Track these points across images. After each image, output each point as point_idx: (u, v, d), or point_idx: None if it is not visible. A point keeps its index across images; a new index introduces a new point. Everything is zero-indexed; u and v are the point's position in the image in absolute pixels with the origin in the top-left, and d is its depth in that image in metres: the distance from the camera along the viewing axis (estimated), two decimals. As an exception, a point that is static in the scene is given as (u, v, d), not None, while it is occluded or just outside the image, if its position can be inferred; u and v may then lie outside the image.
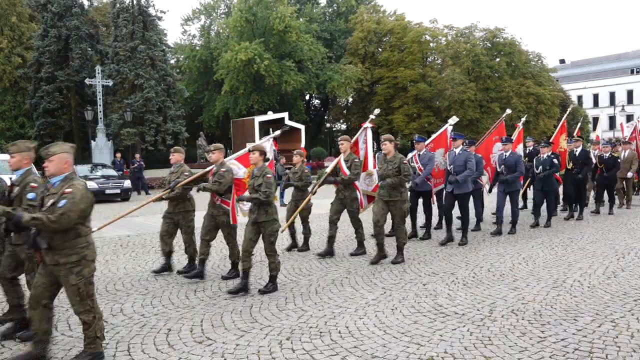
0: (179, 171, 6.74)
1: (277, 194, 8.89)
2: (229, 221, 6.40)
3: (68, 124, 31.30)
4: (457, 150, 8.51)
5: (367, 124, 7.94)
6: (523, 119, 11.81)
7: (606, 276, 6.26)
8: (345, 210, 7.76)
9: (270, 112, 31.50)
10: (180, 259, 7.25)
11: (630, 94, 61.10)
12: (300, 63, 35.33)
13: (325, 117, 46.58)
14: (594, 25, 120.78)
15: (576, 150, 11.35)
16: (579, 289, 5.71)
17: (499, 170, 9.53)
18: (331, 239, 7.70)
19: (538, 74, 41.25)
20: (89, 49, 31.38)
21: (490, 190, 9.94)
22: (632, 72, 62.77)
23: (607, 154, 11.96)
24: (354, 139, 8.01)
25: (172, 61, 39.18)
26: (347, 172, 7.47)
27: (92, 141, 26.43)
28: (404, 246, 7.24)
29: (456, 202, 8.52)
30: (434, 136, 9.75)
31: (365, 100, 39.37)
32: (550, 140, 11.64)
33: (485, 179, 10.25)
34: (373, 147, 9.18)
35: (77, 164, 21.82)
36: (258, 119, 30.18)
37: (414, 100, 37.63)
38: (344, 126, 45.02)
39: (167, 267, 6.79)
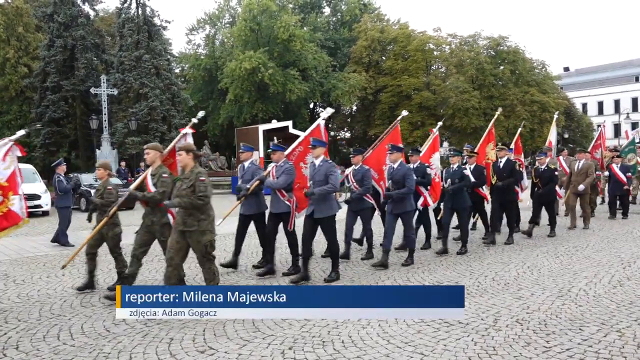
0: None
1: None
2: None
3: (73, 132, 31.49)
4: (318, 162, 6.63)
5: (187, 130, 6.52)
6: (440, 124, 10.38)
7: (612, 285, 6.20)
8: (156, 240, 6.07)
9: (274, 121, 31.58)
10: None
11: (635, 101, 60.93)
12: (305, 72, 35.47)
13: (329, 126, 46.69)
14: (598, 33, 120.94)
15: (500, 161, 9.53)
16: (584, 298, 5.66)
17: (386, 185, 7.90)
18: (129, 278, 5.97)
19: (542, 81, 41.27)
20: (95, 59, 31.64)
21: (380, 211, 8.07)
22: (636, 79, 62.63)
23: (543, 166, 10.25)
24: (169, 147, 6.50)
25: (177, 70, 39.43)
26: (153, 189, 5.81)
27: (97, 150, 26.58)
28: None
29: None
30: (298, 140, 7.55)
31: (369, 108, 39.47)
32: (475, 150, 10.26)
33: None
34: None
35: (82, 173, 21.91)
36: (262, 127, 30.24)
37: (418, 109, 37.68)
38: (348, 134, 45.12)
39: None
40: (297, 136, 30.28)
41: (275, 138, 33.22)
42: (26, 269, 7.88)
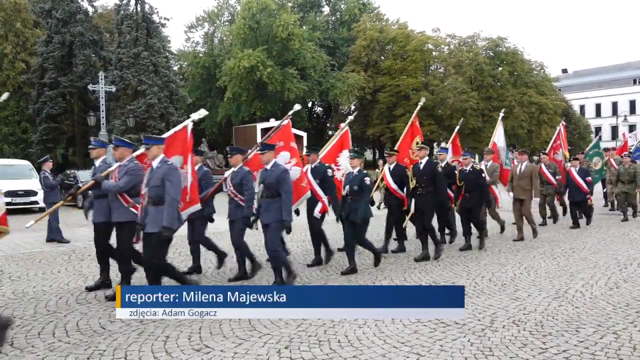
0: None
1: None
2: None
3: (71, 129, 31.41)
4: (155, 163, 5.49)
5: None
6: (350, 118, 9.09)
7: (608, 287, 6.21)
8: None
9: (272, 119, 31.57)
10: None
11: (632, 104, 61.10)
12: (303, 71, 35.44)
13: (328, 125, 46.64)
14: (597, 35, 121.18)
15: (421, 163, 8.16)
16: (580, 300, 5.67)
17: (256, 191, 6.58)
18: None
19: (540, 83, 41.33)
20: (93, 55, 31.56)
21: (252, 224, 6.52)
22: (634, 82, 62.81)
23: (468, 167, 8.90)
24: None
25: (175, 68, 39.34)
26: None
27: (94, 147, 26.46)
28: None
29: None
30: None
31: (367, 108, 39.44)
32: (395, 148, 8.96)
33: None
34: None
35: (79, 169, 21.87)
36: (260, 125, 30.22)
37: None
38: (345, 134, 45.01)
39: None
40: (295, 135, 30.37)
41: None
42: (22, 265, 7.85)
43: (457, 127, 11.38)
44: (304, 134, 31.26)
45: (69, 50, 30.78)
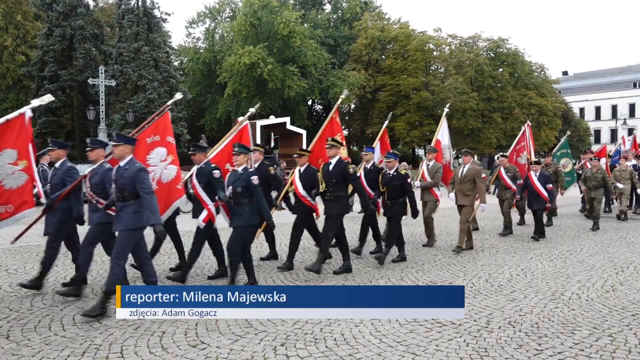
0: None
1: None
2: None
3: (70, 123, 31.38)
4: None
5: None
6: (252, 110, 7.98)
7: (604, 290, 6.22)
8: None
9: (272, 117, 31.56)
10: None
11: (632, 107, 61.15)
12: (304, 68, 35.43)
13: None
14: (598, 38, 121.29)
15: (331, 163, 7.03)
16: (577, 302, 5.68)
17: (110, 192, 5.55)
18: None
19: (540, 85, 41.35)
20: (93, 49, 31.55)
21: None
22: (634, 85, 62.86)
23: (392, 171, 7.69)
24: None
25: (176, 63, 39.32)
26: None
27: (93, 141, 26.48)
28: None
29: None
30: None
31: (367, 107, 39.46)
32: (309, 149, 7.92)
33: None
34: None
35: (78, 164, 21.84)
36: (260, 123, 30.19)
37: (416, 108, 37.72)
38: (345, 132, 45.09)
39: None
40: (294, 132, 30.33)
41: (272, 134, 33.34)
42: (19, 258, 7.85)
43: (386, 122, 9.82)
44: (304, 132, 31.26)
45: (69, 43, 30.76)
